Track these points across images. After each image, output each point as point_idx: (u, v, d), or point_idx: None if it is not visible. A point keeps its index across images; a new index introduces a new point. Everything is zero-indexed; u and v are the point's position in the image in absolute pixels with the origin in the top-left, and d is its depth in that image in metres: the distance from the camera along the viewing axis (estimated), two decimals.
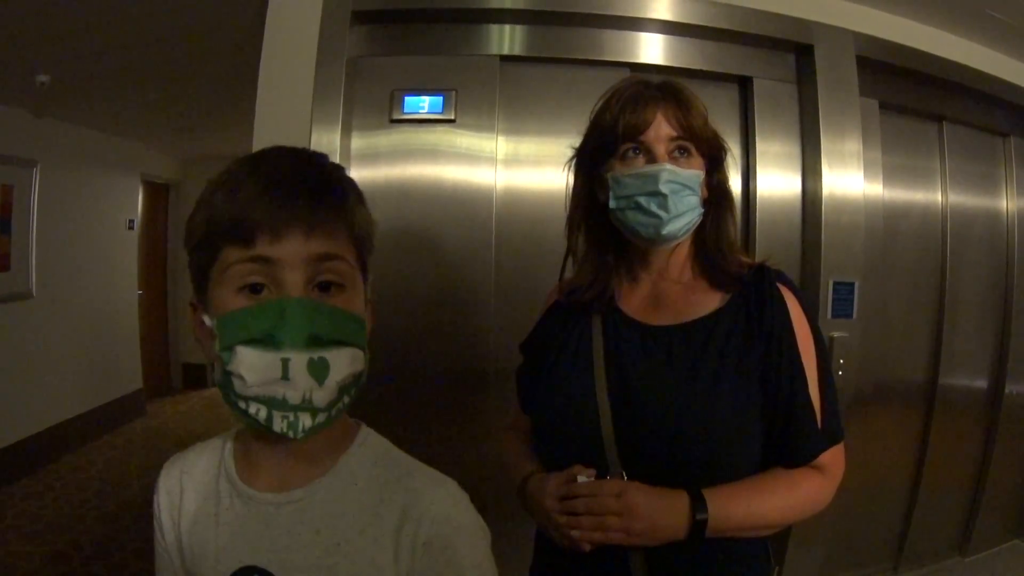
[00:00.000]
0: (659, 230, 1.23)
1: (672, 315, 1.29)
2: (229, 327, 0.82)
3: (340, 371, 0.82)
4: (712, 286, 1.31)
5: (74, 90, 4.27)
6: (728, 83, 2.72)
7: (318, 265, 0.83)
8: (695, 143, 1.26)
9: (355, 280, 0.89)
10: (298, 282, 0.81)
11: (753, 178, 2.66)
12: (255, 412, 0.83)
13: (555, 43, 2.52)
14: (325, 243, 0.83)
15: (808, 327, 1.27)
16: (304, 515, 0.89)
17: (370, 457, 0.96)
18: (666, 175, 1.21)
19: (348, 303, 0.86)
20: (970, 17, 3.00)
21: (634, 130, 1.24)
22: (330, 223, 0.84)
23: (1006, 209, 3.48)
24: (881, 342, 3.02)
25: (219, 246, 0.84)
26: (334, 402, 0.84)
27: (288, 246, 0.81)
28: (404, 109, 2.40)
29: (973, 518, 3.56)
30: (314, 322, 0.81)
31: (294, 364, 0.79)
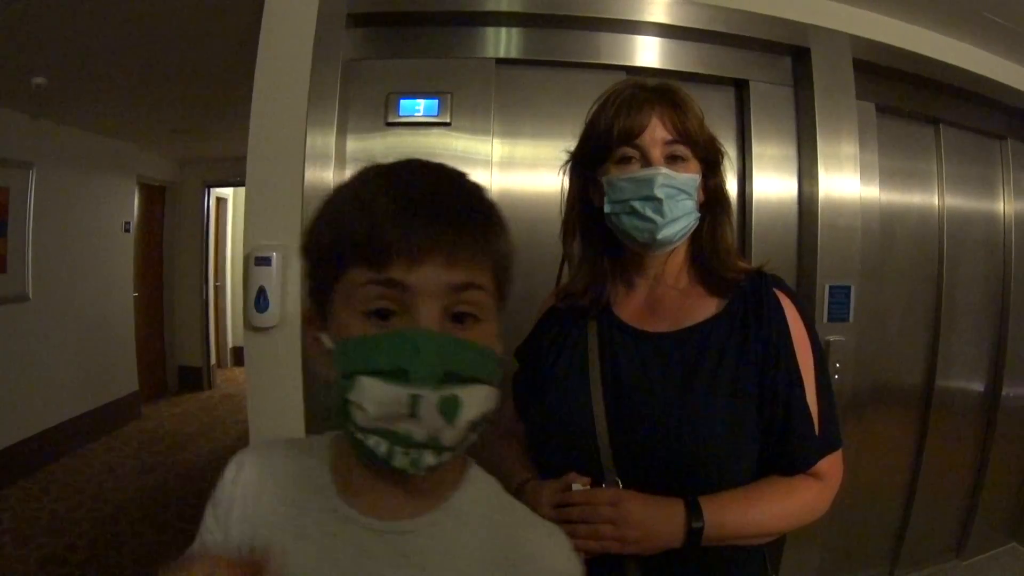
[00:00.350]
0: (654, 235, 1.23)
1: (668, 321, 1.28)
2: (353, 354, 0.76)
3: (472, 410, 0.75)
4: (709, 292, 1.30)
5: (70, 92, 4.28)
6: (724, 86, 2.72)
7: (455, 295, 0.76)
8: (691, 147, 1.25)
9: (492, 312, 0.81)
10: (433, 313, 0.74)
11: (749, 181, 2.66)
12: (374, 445, 0.76)
13: (551, 46, 2.52)
14: (465, 272, 0.76)
15: (806, 334, 1.26)
16: (409, 548, 0.83)
17: (482, 496, 0.90)
18: (661, 179, 1.20)
19: (484, 337, 0.79)
20: (967, 20, 3.00)
21: (629, 133, 1.23)
22: (472, 250, 0.76)
23: (1003, 212, 3.48)
24: (878, 345, 3.02)
25: (347, 264, 0.78)
26: (462, 440, 0.77)
27: (426, 273, 0.74)
28: (399, 112, 2.40)
29: (970, 521, 3.56)
30: (448, 358, 0.73)
31: (424, 402, 0.72)
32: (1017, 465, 3.67)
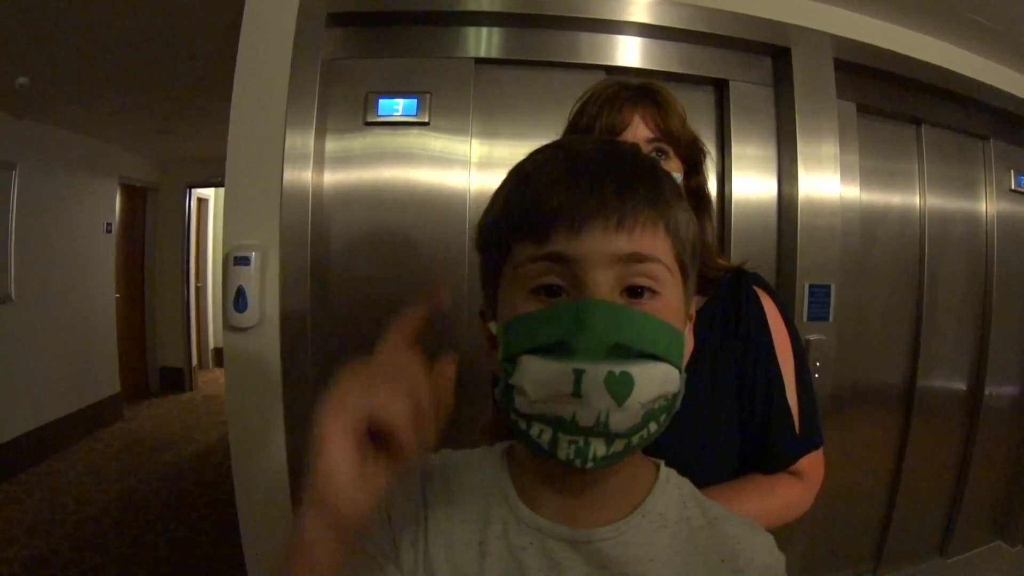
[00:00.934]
0: None
1: None
2: (515, 333, 0.71)
3: (647, 391, 0.68)
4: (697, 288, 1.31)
5: (53, 92, 4.26)
6: (704, 86, 2.72)
7: (628, 266, 0.70)
8: (673, 145, 1.26)
9: (673, 287, 0.74)
10: (602, 283, 0.69)
11: (728, 181, 2.66)
12: (538, 434, 0.71)
13: (530, 46, 2.51)
14: (636, 240, 0.70)
15: (786, 331, 1.27)
16: (608, 558, 0.76)
17: (677, 498, 0.85)
18: None
19: (663, 311, 0.72)
20: (950, 20, 3.01)
21: (611, 131, 1.23)
22: (643, 217, 0.71)
23: (985, 212, 3.48)
24: (859, 345, 3.03)
25: (510, 242, 0.74)
26: (636, 428, 0.70)
27: (591, 242, 0.69)
28: (378, 112, 2.39)
29: (954, 520, 3.57)
30: (618, 329, 0.67)
31: (589, 377, 0.65)
32: (1000, 463, 3.68)
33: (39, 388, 5.42)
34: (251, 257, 2.26)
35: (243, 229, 2.32)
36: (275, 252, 2.29)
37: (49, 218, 5.52)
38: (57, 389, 5.64)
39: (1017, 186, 3.53)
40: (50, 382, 5.57)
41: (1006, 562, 3.67)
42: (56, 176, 5.60)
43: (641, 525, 0.79)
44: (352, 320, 2.42)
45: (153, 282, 7.69)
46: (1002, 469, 3.71)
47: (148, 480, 4.97)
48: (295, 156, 2.28)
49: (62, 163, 5.66)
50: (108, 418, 6.36)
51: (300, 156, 2.28)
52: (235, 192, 2.33)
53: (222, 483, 4.74)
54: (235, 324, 2.29)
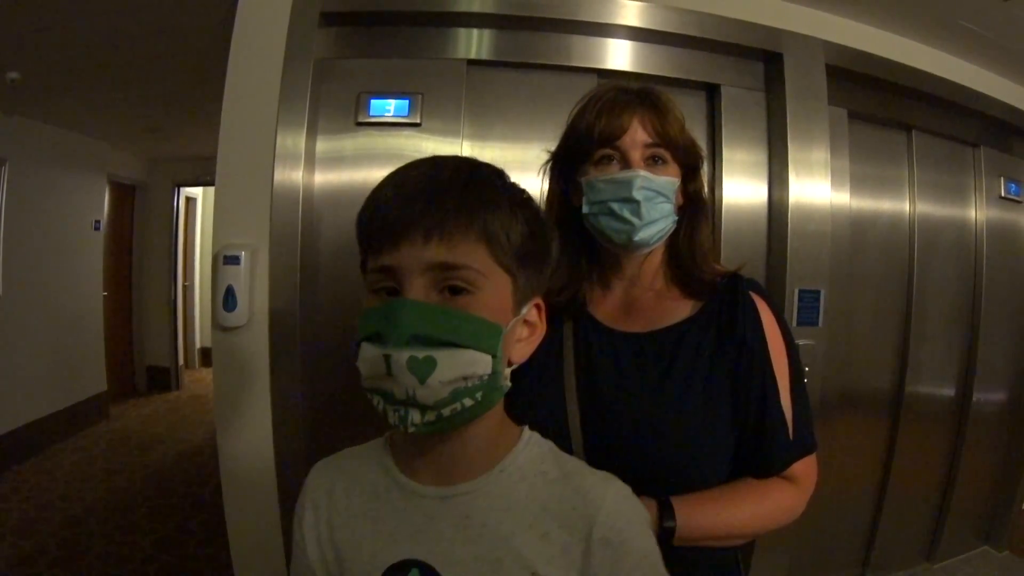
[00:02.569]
0: (631, 236, 1.23)
1: (643, 322, 1.29)
2: (360, 324, 0.86)
3: (448, 371, 0.81)
4: (684, 294, 1.31)
5: (44, 88, 4.24)
6: (696, 90, 2.72)
7: (441, 272, 0.83)
8: (671, 150, 1.26)
9: (491, 287, 0.87)
10: (416, 287, 0.82)
11: (719, 186, 2.66)
12: (376, 404, 0.87)
13: (523, 48, 2.51)
14: (442, 251, 0.82)
15: (781, 337, 1.26)
16: (471, 508, 0.90)
17: (536, 456, 0.97)
18: (640, 181, 1.22)
19: (477, 307, 0.85)
20: (942, 28, 3.02)
21: (610, 136, 1.24)
22: (450, 228, 0.83)
23: (975, 219, 3.50)
24: (848, 350, 3.04)
25: (365, 253, 0.90)
26: (445, 402, 0.83)
27: (404, 254, 0.83)
28: (370, 112, 2.39)
29: (941, 525, 3.59)
30: (422, 322, 0.81)
31: (394, 360, 0.80)
32: (988, 469, 3.70)
33: (25, 386, 5.40)
34: (241, 256, 2.26)
35: (233, 228, 2.31)
36: (265, 252, 2.28)
37: (38, 214, 5.49)
38: (43, 387, 5.61)
39: (1007, 193, 3.56)
40: (36, 380, 5.54)
41: (993, 567, 3.68)
42: (45, 172, 5.56)
43: (499, 480, 0.93)
44: (341, 320, 2.41)
45: (140, 281, 7.67)
46: (989, 474, 3.73)
47: (134, 479, 4.95)
48: (286, 156, 2.27)
49: (52, 159, 5.62)
50: (94, 417, 6.32)
51: (291, 156, 2.27)
52: (226, 191, 2.33)
53: (208, 483, 4.72)
54: (224, 323, 2.29)
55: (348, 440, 1.05)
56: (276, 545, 2.35)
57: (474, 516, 0.90)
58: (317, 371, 2.39)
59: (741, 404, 1.20)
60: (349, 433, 1.04)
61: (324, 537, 0.97)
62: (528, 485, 0.92)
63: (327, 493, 1.00)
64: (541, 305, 0.97)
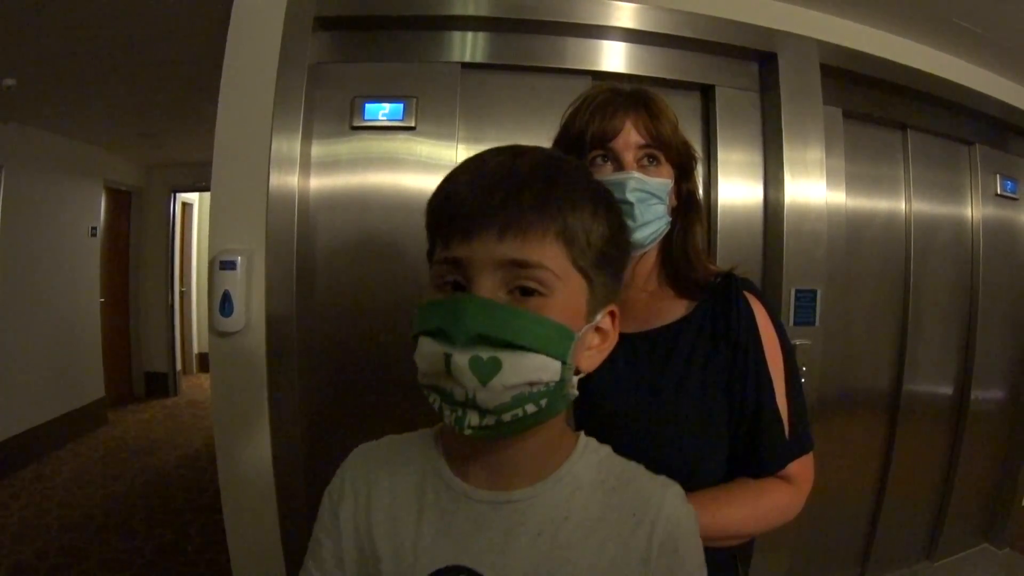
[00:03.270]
0: None
1: (637, 323, 1.29)
2: (419, 317, 0.83)
3: (513, 375, 0.78)
4: (678, 294, 1.32)
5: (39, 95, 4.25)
6: (690, 91, 2.72)
7: (513, 270, 0.79)
8: (664, 152, 1.27)
9: (564, 290, 0.82)
10: (485, 284, 0.79)
11: (715, 187, 2.66)
12: (432, 401, 0.84)
13: (517, 51, 2.51)
14: (519, 247, 0.79)
15: (776, 337, 1.27)
16: (525, 516, 0.87)
17: (594, 462, 0.94)
18: (633, 183, 1.22)
19: (549, 310, 0.80)
20: (936, 26, 3.02)
21: (603, 137, 1.24)
22: (526, 225, 0.79)
23: (971, 217, 3.50)
24: (845, 349, 3.04)
25: (434, 242, 0.87)
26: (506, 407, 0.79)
27: (477, 248, 0.79)
28: (364, 116, 2.38)
29: (940, 523, 3.58)
30: (488, 322, 0.77)
31: (456, 360, 0.76)
32: (987, 466, 3.70)
33: (23, 392, 5.40)
34: (237, 261, 2.26)
35: (229, 233, 2.31)
36: (261, 256, 2.28)
37: (34, 221, 5.50)
38: (41, 394, 5.62)
39: (1003, 191, 3.56)
40: (34, 386, 5.54)
41: (993, 565, 3.69)
42: (41, 179, 5.57)
43: (556, 488, 0.89)
44: (338, 325, 2.41)
45: (137, 286, 7.66)
46: (988, 472, 3.72)
47: (133, 485, 4.95)
48: (281, 160, 2.27)
49: (47, 166, 5.63)
50: (92, 423, 6.33)
51: (286, 160, 2.27)
52: (221, 196, 2.32)
53: (207, 488, 4.73)
54: (221, 329, 2.29)
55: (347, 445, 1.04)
56: (275, 550, 2.34)
57: (529, 525, 0.86)
58: (315, 375, 2.39)
59: (736, 404, 1.21)
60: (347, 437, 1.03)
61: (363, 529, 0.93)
62: (585, 495, 0.89)
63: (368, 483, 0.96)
64: (615, 312, 0.93)
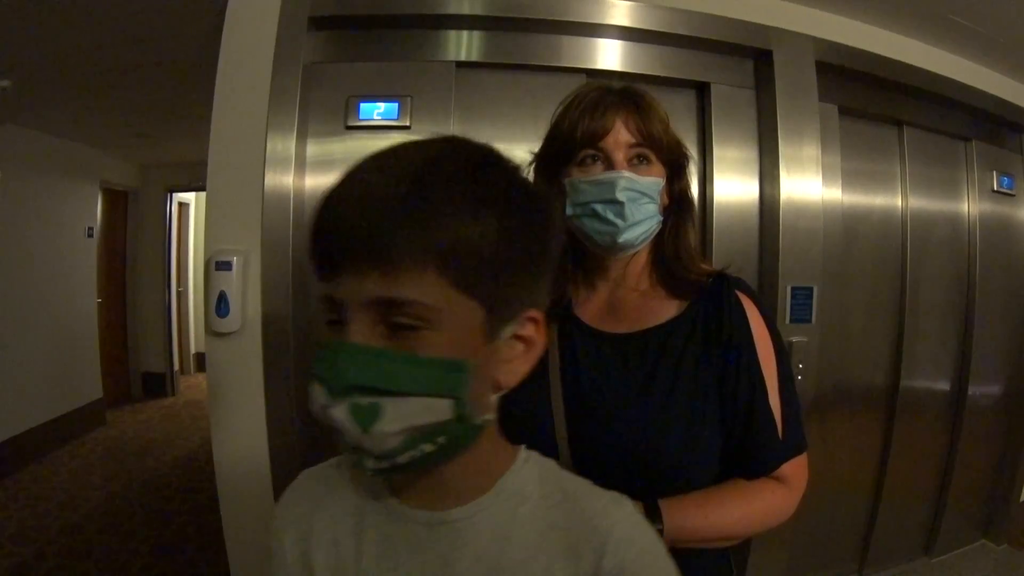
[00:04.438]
0: (615, 238, 1.23)
1: (629, 323, 1.28)
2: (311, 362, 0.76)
3: (394, 422, 0.70)
4: (670, 294, 1.30)
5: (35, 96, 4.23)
6: (686, 89, 2.73)
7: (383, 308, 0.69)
8: (655, 150, 1.25)
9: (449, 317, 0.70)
10: (357, 325, 0.70)
11: (710, 183, 2.66)
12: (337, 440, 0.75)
13: (512, 49, 2.51)
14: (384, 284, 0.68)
15: (768, 336, 1.25)
16: (463, 539, 0.80)
17: (535, 476, 0.86)
18: (623, 182, 1.21)
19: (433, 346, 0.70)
20: (932, 22, 3.02)
21: (593, 136, 1.23)
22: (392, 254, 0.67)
23: (967, 213, 3.50)
24: (842, 346, 3.04)
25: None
26: (397, 450, 0.72)
27: (344, 284, 0.70)
28: (359, 116, 2.39)
29: (938, 519, 3.59)
30: (359, 370, 0.70)
31: (333, 412, 0.71)
32: (984, 462, 3.70)
33: (20, 393, 5.38)
34: (233, 262, 2.26)
35: (225, 234, 2.31)
36: (257, 257, 2.29)
37: (30, 222, 5.49)
38: (39, 394, 5.61)
39: (999, 187, 3.56)
40: (32, 387, 5.53)
41: (991, 561, 3.69)
42: (38, 180, 5.56)
43: (495, 503, 0.82)
44: None
45: (134, 287, 7.64)
46: (986, 468, 3.73)
47: (131, 486, 4.94)
48: (276, 160, 2.27)
49: (44, 167, 5.62)
50: (90, 424, 6.31)
51: (282, 160, 2.27)
52: (217, 196, 2.33)
53: (205, 488, 4.72)
54: (217, 329, 2.29)
55: None
56: None
57: (467, 548, 0.79)
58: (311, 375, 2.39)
59: (729, 405, 1.19)
60: None
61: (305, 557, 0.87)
62: (528, 510, 0.81)
63: (311, 508, 0.90)
64: (538, 318, 0.82)
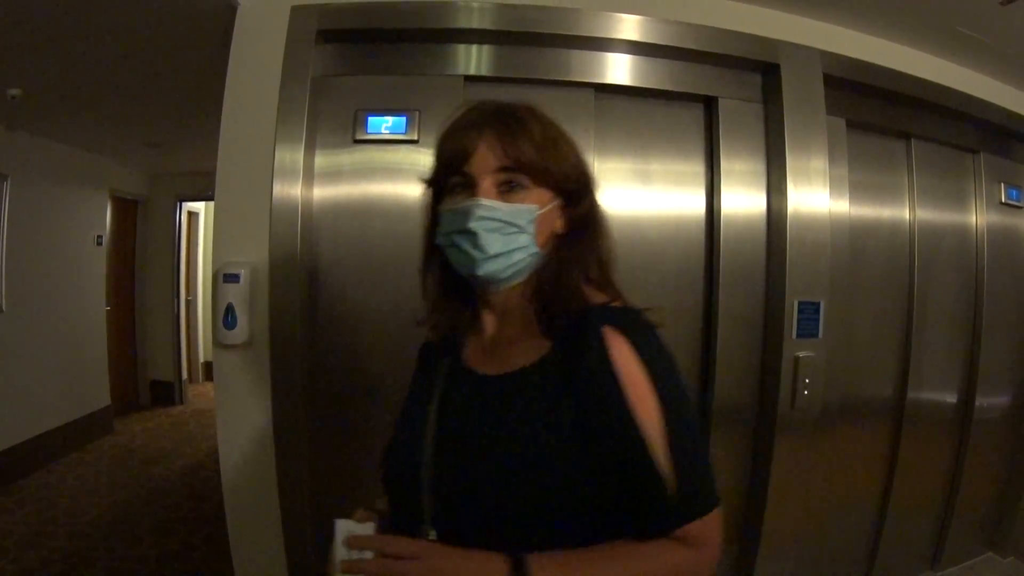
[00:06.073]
0: (474, 271, 1.14)
1: (499, 363, 1.18)
2: None
3: None
4: (544, 332, 1.16)
5: (45, 104, 4.25)
6: (693, 103, 2.72)
7: None
8: (530, 174, 1.14)
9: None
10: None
11: (717, 197, 2.67)
12: None
13: (520, 64, 2.52)
14: None
15: (645, 379, 1.07)
16: None
17: None
18: (478, 211, 1.11)
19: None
20: (939, 34, 3.02)
21: (456, 160, 1.14)
22: None
23: (975, 224, 3.49)
24: (849, 358, 3.03)
25: None
26: None
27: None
28: (367, 129, 2.40)
29: (945, 531, 3.57)
30: None
31: None
32: (991, 475, 3.69)
33: (29, 400, 5.39)
34: (240, 275, 2.28)
35: (233, 245, 2.33)
36: (264, 268, 2.30)
37: (40, 229, 5.50)
38: (47, 401, 5.62)
39: (1007, 199, 3.55)
40: (40, 394, 5.54)
41: (997, 573, 3.67)
42: (47, 188, 5.57)
43: None
44: (341, 335, 2.42)
45: (143, 295, 7.65)
46: (993, 480, 3.71)
47: (138, 493, 4.95)
48: (285, 172, 2.28)
49: (54, 175, 5.63)
50: (98, 431, 6.31)
51: (290, 172, 2.29)
52: (225, 209, 2.35)
53: (212, 497, 4.71)
54: (224, 341, 2.30)
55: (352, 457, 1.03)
56: (279, 560, 2.35)
57: None
58: (318, 387, 2.40)
59: (596, 457, 1.06)
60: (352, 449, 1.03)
61: None
62: None
63: None
64: None
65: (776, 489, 2.70)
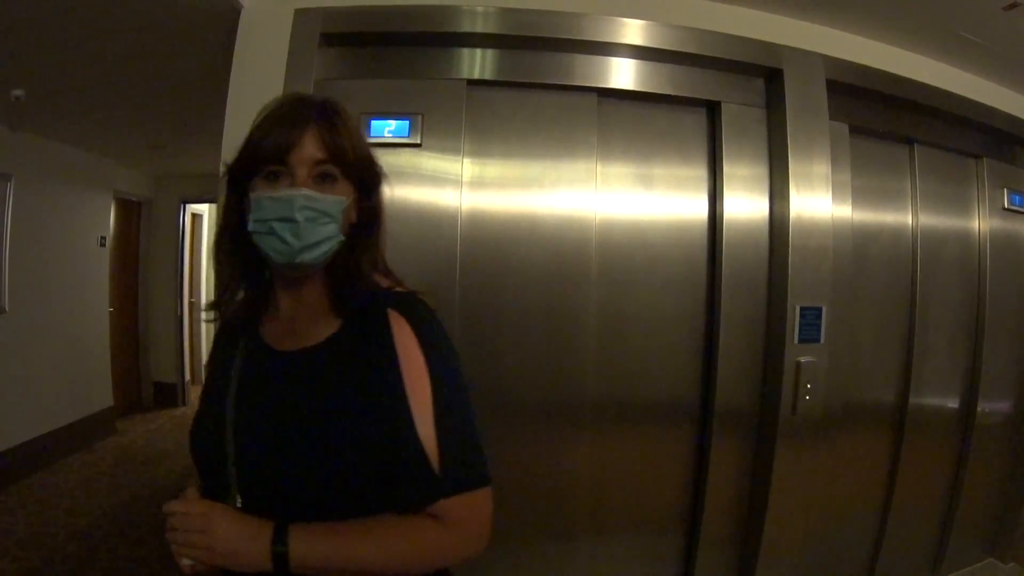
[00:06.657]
0: (291, 258, 1.18)
1: (296, 340, 1.25)
2: None
3: None
4: (337, 312, 1.25)
5: (49, 105, 4.26)
6: (696, 108, 2.73)
7: None
8: (342, 168, 1.22)
9: None
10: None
11: (720, 201, 2.67)
12: None
13: (523, 68, 2.53)
14: None
15: (422, 359, 1.18)
16: None
17: None
18: (302, 201, 1.17)
19: None
20: (942, 39, 3.02)
21: (278, 150, 1.18)
22: None
23: (978, 230, 3.49)
24: (851, 364, 3.02)
25: None
26: None
27: None
28: (371, 133, 2.40)
29: (946, 537, 3.56)
30: None
31: None
32: (993, 480, 3.68)
33: (32, 400, 5.41)
34: None
35: None
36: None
37: (44, 230, 5.52)
38: (50, 402, 5.63)
39: (1010, 204, 3.54)
40: (43, 395, 5.56)
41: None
42: (51, 189, 5.59)
43: None
44: None
45: (147, 297, 7.67)
46: (994, 486, 3.70)
47: (140, 494, 4.96)
48: None
49: (58, 176, 5.65)
50: (101, 432, 6.33)
51: None
52: None
53: None
54: None
55: None
56: None
57: None
58: None
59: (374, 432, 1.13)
60: None
61: None
62: None
63: None
64: None
65: (777, 494, 2.70)
